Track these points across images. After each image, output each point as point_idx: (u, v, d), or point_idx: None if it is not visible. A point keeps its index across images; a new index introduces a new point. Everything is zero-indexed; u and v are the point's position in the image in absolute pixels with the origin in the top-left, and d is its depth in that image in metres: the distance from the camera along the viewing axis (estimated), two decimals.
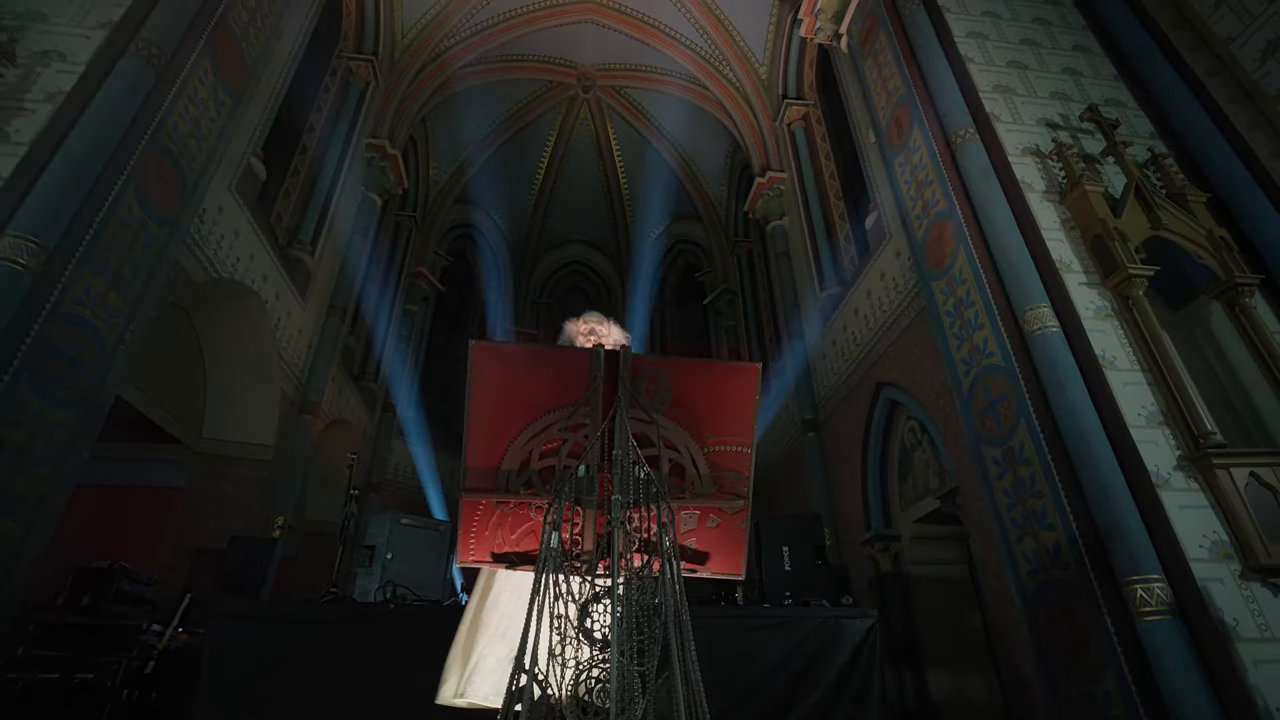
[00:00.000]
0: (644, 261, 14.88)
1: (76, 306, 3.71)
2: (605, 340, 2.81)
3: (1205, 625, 3.10)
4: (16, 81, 3.94)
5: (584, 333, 2.82)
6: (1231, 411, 4.10)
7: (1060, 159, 4.67)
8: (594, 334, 2.81)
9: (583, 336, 2.81)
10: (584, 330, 2.82)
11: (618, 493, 1.91)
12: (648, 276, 14.75)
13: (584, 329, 2.82)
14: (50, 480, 3.58)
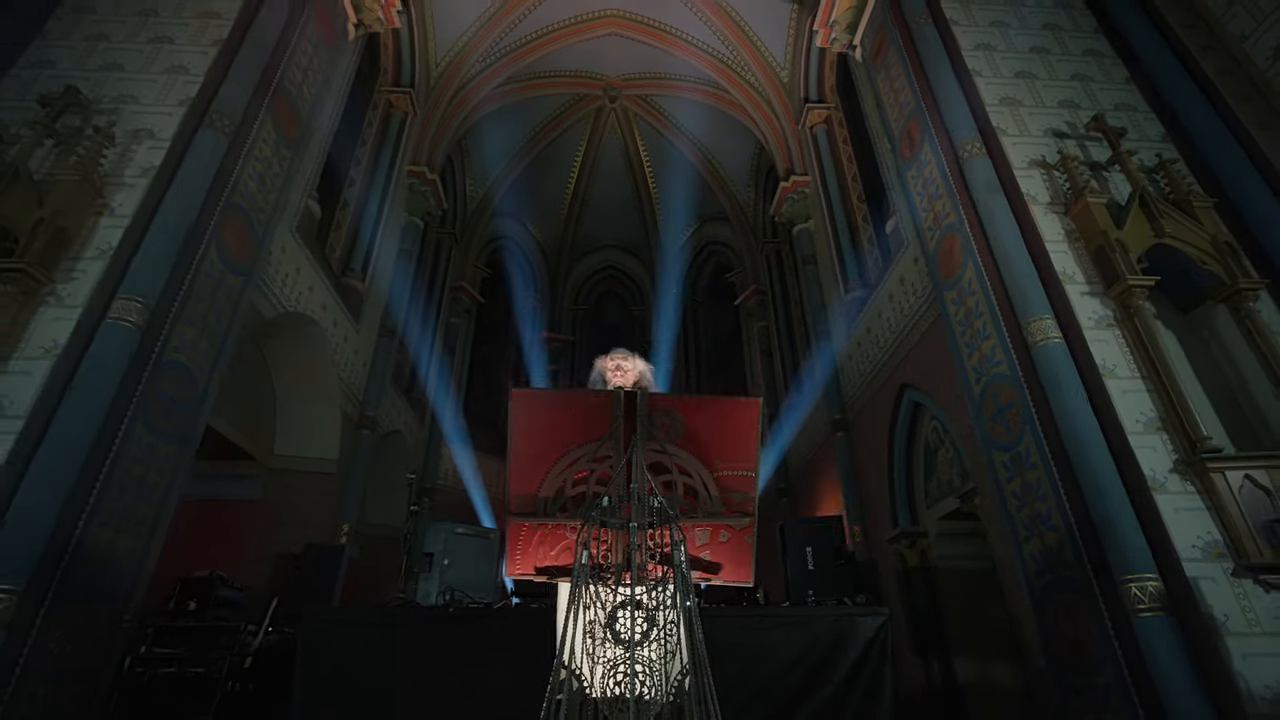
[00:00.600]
0: (675, 264, 15.21)
1: (175, 354, 4.29)
2: (630, 373, 3.21)
3: (1196, 621, 3.32)
4: (117, 159, 4.55)
5: (611, 368, 3.21)
6: (1239, 412, 4.24)
7: (1065, 170, 4.83)
8: (620, 369, 3.20)
9: (610, 372, 3.21)
10: (611, 366, 3.22)
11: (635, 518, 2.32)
12: (679, 279, 15.08)
13: (611, 365, 3.22)
14: (161, 504, 4.19)
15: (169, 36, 5.29)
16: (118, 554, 3.81)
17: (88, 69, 5.05)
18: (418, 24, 10.14)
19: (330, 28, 6.64)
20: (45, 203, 4.09)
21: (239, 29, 5.36)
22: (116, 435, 3.80)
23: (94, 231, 4.25)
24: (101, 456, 3.71)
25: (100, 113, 4.78)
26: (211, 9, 5.49)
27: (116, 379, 3.86)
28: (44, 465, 3.51)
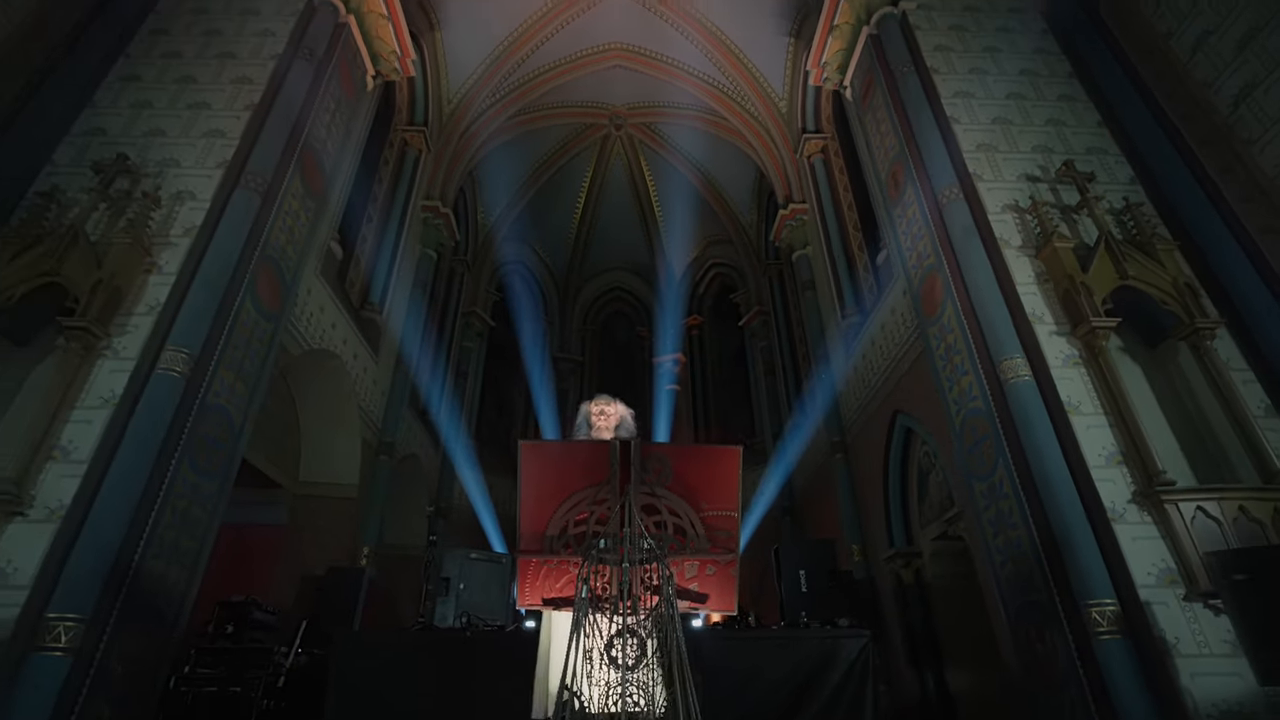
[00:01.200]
0: (681, 285, 15.60)
1: (216, 398, 4.71)
2: (611, 416, 3.56)
3: (1149, 643, 3.61)
4: (162, 220, 5.00)
5: (596, 412, 3.57)
6: (1203, 445, 4.53)
7: (1036, 215, 5.16)
8: (604, 414, 3.56)
9: (595, 416, 3.56)
10: (595, 410, 3.58)
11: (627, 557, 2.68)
12: (685, 300, 15.47)
13: (595, 410, 3.58)
14: (204, 536, 4.59)
15: (206, 102, 5.77)
16: (168, 583, 4.21)
17: (134, 135, 5.53)
18: (430, 66, 10.66)
19: (350, 82, 7.12)
20: (103, 264, 4.55)
21: (269, 93, 5.83)
22: (166, 475, 4.21)
23: (144, 289, 4.69)
24: (154, 495, 4.11)
25: (147, 176, 5.25)
26: (244, 74, 5.97)
27: (166, 424, 4.28)
28: (105, 505, 3.92)
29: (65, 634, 3.54)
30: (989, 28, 6.75)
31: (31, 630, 3.53)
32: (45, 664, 3.48)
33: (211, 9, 6.52)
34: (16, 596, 3.59)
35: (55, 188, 5.11)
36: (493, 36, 11.58)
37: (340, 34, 6.79)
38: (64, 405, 4.16)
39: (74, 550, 3.77)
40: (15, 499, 3.82)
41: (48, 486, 3.93)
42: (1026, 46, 6.60)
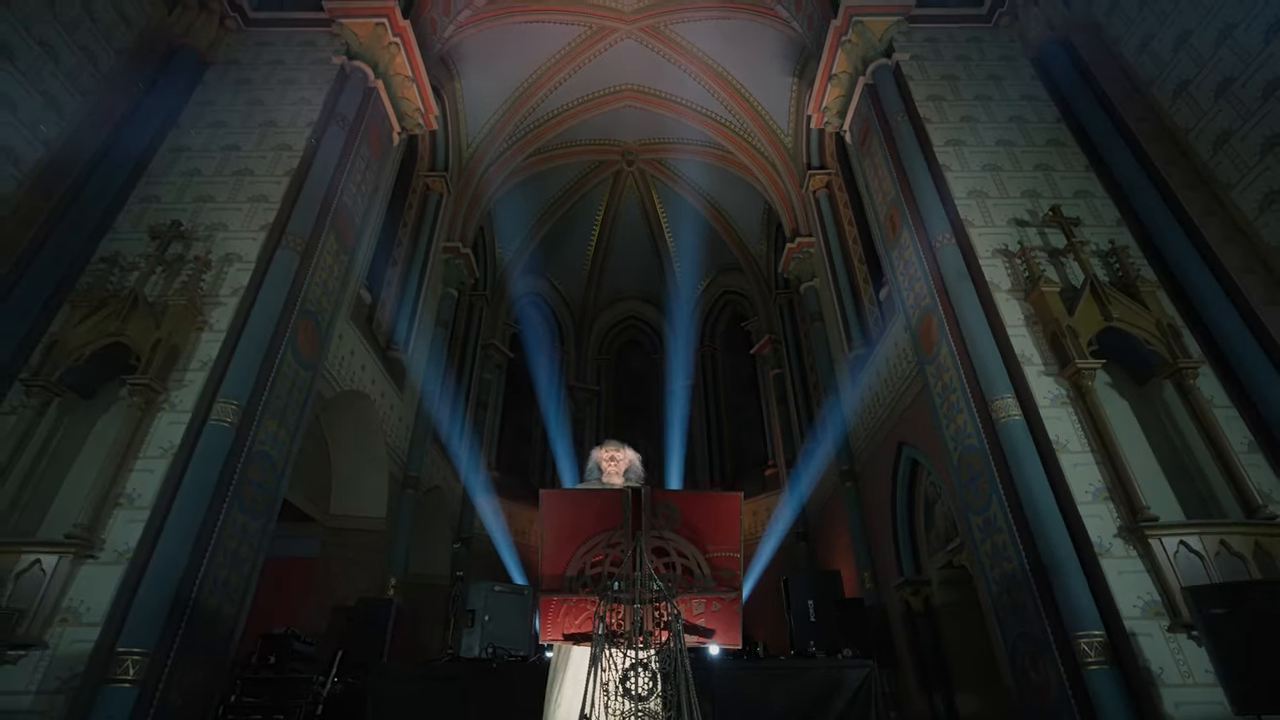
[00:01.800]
0: (693, 313, 15.96)
1: (261, 445, 5.11)
2: (621, 461, 3.82)
3: (1135, 673, 3.82)
4: (212, 281, 5.47)
5: (606, 458, 3.83)
6: (1189, 479, 4.73)
7: (1024, 260, 5.45)
8: (614, 459, 3.84)
9: (605, 461, 3.84)
10: (606, 456, 3.84)
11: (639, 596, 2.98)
12: (697, 327, 15.81)
13: (606, 455, 3.84)
14: (251, 573, 4.97)
15: (249, 169, 6.28)
16: (220, 618, 4.58)
17: (185, 201, 6.04)
18: (450, 114, 11.24)
19: (378, 142, 7.63)
20: (161, 325, 5.00)
21: (306, 159, 6.34)
22: (219, 518, 4.60)
23: (197, 346, 5.14)
24: (208, 537, 4.50)
25: (198, 239, 5.74)
26: (283, 142, 6.49)
27: (218, 471, 4.68)
28: (166, 547, 4.31)
29: (133, 667, 3.91)
30: (979, 75, 7.09)
31: (104, 664, 3.91)
32: (116, 695, 3.84)
33: (253, 79, 7.08)
34: (90, 633, 3.98)
35: (116, 253, 5.62)
36: (509, 83, 12.17)
37: (369, 98, 7.30)
38: (129, 456, 4.58)
39: (140, 589, 4.16)
40: (87, 543, 4.22)
41: (116, 531, 4.33)
42: (1015, 93, 6.93)
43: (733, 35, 11.45)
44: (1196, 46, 5.75)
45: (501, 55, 11.54)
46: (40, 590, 4.00)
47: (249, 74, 7.14)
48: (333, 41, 7.44)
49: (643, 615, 3.01)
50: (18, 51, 5.59)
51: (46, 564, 4.09)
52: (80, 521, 4.25)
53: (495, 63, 11.60)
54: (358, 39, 7.37)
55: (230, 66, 7.19)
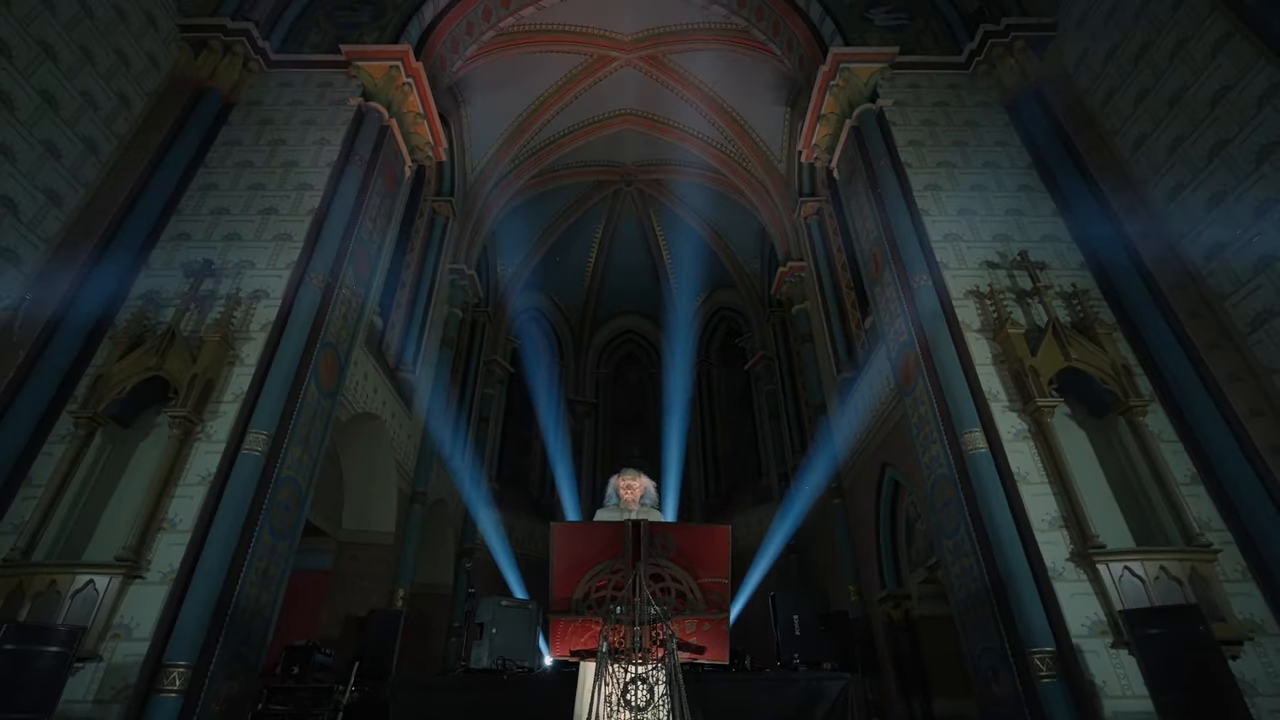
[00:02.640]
0: (690, 329, 16.41)
1: (288, 470, 5.53)
2: (636, 489, 4.28)
3: (1081, 685, 4.26)
4: (243, 317, 5.89)
5: (623, 486, 4.29)
6: (1140, 507, 5.19)
7: (993, 301, 5.91)
8: (630, 487, 4.29)
9: (622, 489, 4.29)
10: (623, 484, 4.30)
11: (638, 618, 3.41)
12: (693, 343, 16.27)
13: (623, 483, 4.30)
14: (278, 590, 5.38)
15: (274, 208, 6.70)
16: (252, 632, 4.99)
17: (214, 239, 6.46)
18: (457, 141, 11.69)
19: (392, 176, 8.06)
20: (197, 360, 5.42)
21: (326, 198, 6.76)
22: (251, 540, 5.02)
23: (230, 379, 5.55)
24: (242, 558, 4.91)
25: (227, 277, 6.16)
26: (305, 181, 6.91)
27: (250, 497, 5.10)
28: (205, 568, 4.72)
29: (179, 679, 4.33)
30: (957, 122, 7.57)
31: (152, 675, 4.31)
32: (163, 705, 4.25)
33: (275, 119, 7.51)
34: (140, 647, 4.39)
35: (152, 289, 6.03)
36: (513, 110, 12.64)
37: (384, 136, 7.74)
38: (170, 483, 4.99)
39: (183, 607, 4.56)
40: (135, 565, 4.63)
41: (160, 554, 4.74)
42: (990, 139, 7.40)
43: (728, 66, 11.93)
44: (1152, 105, 6.23)
45: (506, 84, 12.00)
46: (95, 608, 4.41)
47: (271, 114, 7.56)
48: (349, 82, 7.87)
49: (641, 635, 3.45)
50: (62, 102, 6.02)
51: (99, 584, 4.50)
52: (128, 545, 4.65)
53: (500, 90, 12.06)
54: (373, 80, 7.82)
55: (254, 107, 7.61)
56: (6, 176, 5.46)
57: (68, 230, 6.01)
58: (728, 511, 13.94)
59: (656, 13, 11.65)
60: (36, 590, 4.47)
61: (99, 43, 6.43)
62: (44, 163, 5.82)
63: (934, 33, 8.58)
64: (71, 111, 6.12)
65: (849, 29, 8.46)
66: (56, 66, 5.96)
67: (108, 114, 6.53)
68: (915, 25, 8.63)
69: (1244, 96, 5.35)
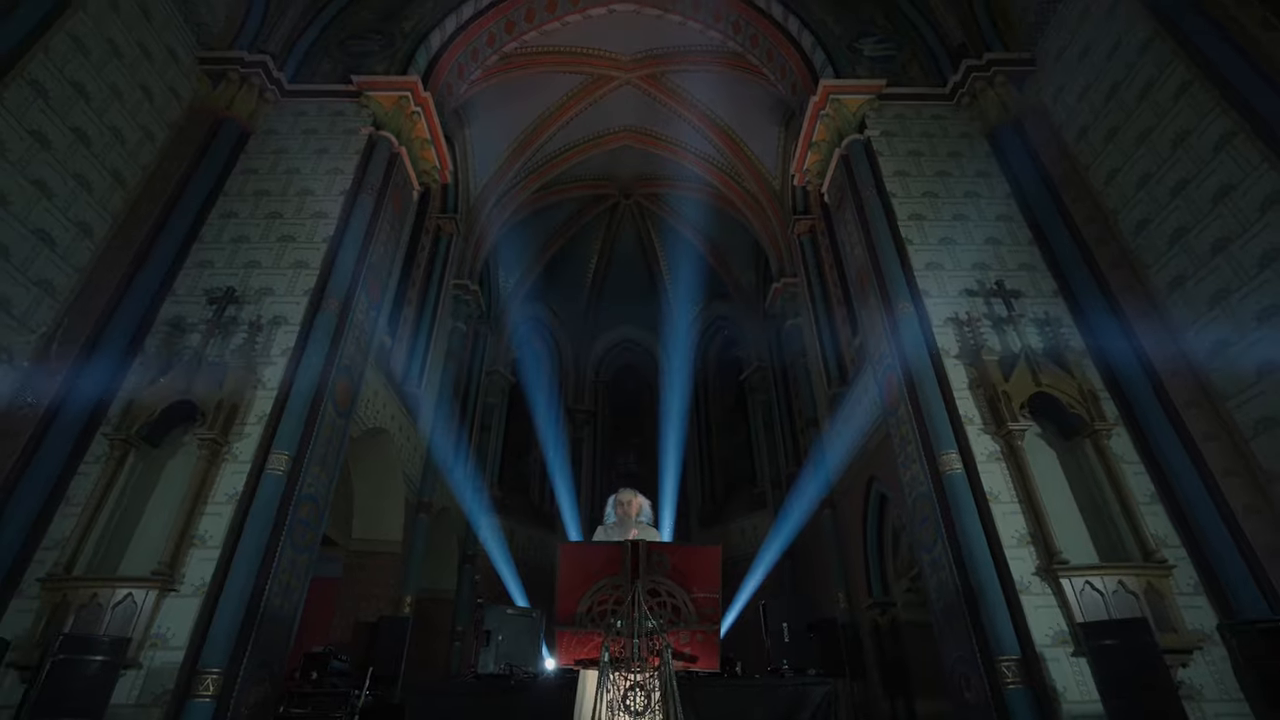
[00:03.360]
0: (686, 339, 16.79)
1: (308, 488, 5.88)
2: (633, 506, 4.64)
3: (1043, 691, 4.64)
4: (264, 343, 6.24)
5: (622, 502, 4.65)
6: (1104, 524, 5.56)
7: (971, 328, 6.29)
8: (628, 505, 4.65)
9: (620, 507, 4.65)
10: (622, 501, 4.66)
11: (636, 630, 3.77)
12: (690, 353, 16.64)
13: (621, 501, 4.66)
14: (298, 601, 5.73)
15: (291, 235, 7.06)
16: (275, 640, 5.34)
17: (235, 266, 6.81)
18: (461, 161, 12.06)
19: (400, 202, 8.41)
20: (223, 385, 5.77)
21: (340, 227, 7.11)
22: (275, 555, 5.37)
23: (253, 402, 5.90)
24: (267, 571, 5.26)
25: (249, 303, 6.51)
26: (320, 209, 7.27)
27: (274, 514, 5.45)
28: (233, 581, 5.08)
29: (212, 685, 4.68)
30: (941, 152, 7.94)
31: (187, 681, 4.67)
32: (198, 708, 4.60)
33: (290, 148, 7.86)
34: (176, 655, 4.74)
35: (178, 316, 6.39)
36: (515, 128, 13.01)
37: (394, 163, 8.09)
38: (199, 502, 5.35)
39: (214, 618, 4.92)
40: (169, 579, 4.99)
41: (192, 568, 5.10)
42: (972, 170, 7.78)
43: (725, 86, 12.30)
44: (1121, 142, 6.62)
45: (508, 103, 12.37)
46: (134, 619, 4.76)
47: (286, 143, 7.91)
48: (360, 111, 8.23)
49: (639, 645, 3.82)
50: (93, 139, 6.36)
51: (137, 597, 4.86)
52: (163, 560, 5.01)
53: (502, 110, 12.43)
54: (384, 109, 8.17)
55: (269, 136, 7.97)
56: (44, 212, 5.81)
57: (97, 260, 6.35)
58: (722, 518, 14.31)
59: (655, 36, 12.01)
60: (80, 603, 4.83)
61: (126, 79, 6.77)
62: (76, 196, 6.17)
63: (920, 63, 8.96)
64: (101, 146, 6.46)
65: (839, 59, 8.83)
66: (88, 105, 6.31)
67: (133, 146, 6.88)
68: (902, 56, 9.01)
69: (1203, 140, 5.74)
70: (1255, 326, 5.19)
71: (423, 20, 9.35)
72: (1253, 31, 5.43)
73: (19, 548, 5.07)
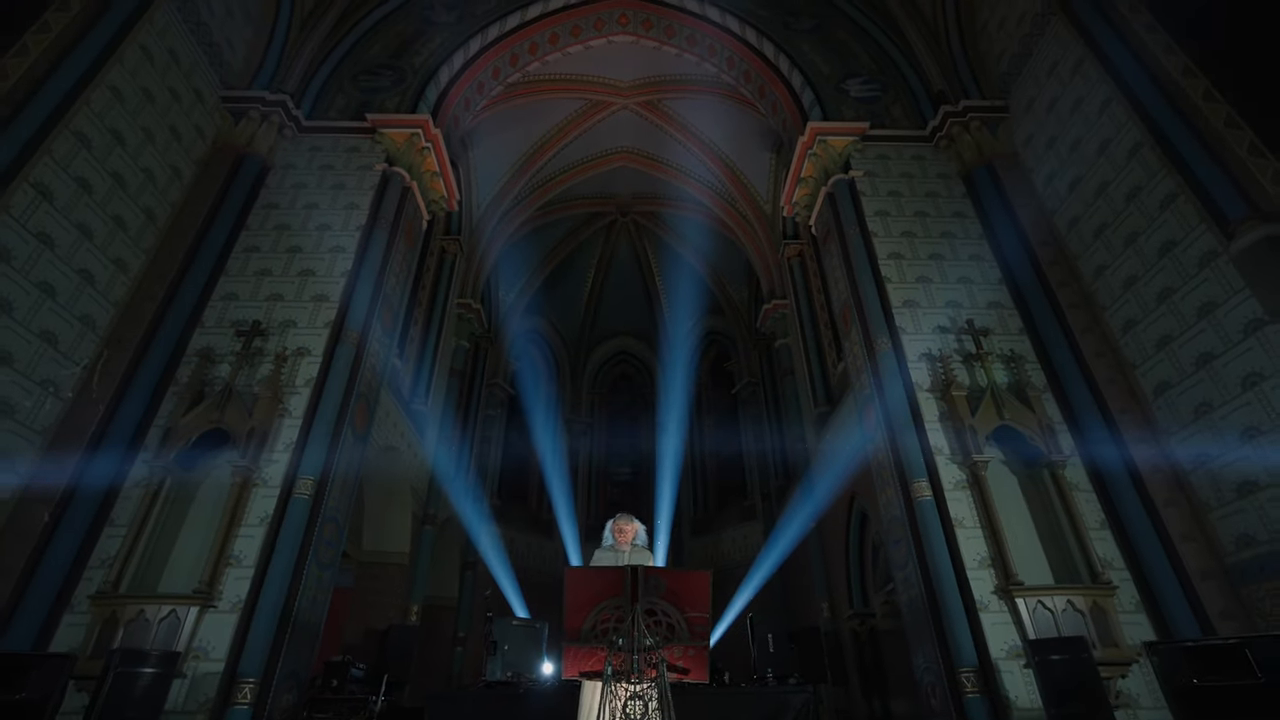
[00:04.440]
0: (681, 351, 17.32)
1: (330, 510, 6.36)
2: (628, 532, 5.14)
3: (997, 699, 5.19)
4: (289, 374, 6.71)
5: (617, 529, 5.15)
6: (1060, 547, 6.12)
7: (942, 364, 6.84)
8: (624, 531, 5.16)
9: (617, 532, 5.16)
10: (617, 528, 5.16)
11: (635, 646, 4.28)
12: (684, 365, 17.17)
13: (617, 527, 5.16)
14: (322, 614, 6.22)
15: (311, 269, 7.52)
16: (302, 652, 5.83)
17: (259, 299, 7.27)
18: (464, 184, 12.53)
19: (412, 232, 8.90)
20: (253, 414, 6.25)
21: (357, 261, 7.59)
22: (303, 573, 5.85)
23: (280, 430, 6.38)
24: (296, 588, 5.75)
25: (273, 335, 6.99)
26: (338, 244, 7.74)
27: (300, 535, 5.93)
28: (266, 597, 5.56)
29: (249, 692, 5.17)
30: (920, 193, 8.49)
31: (228, 690, 5.15)
32: (238, 714, 5.09)
33: (309, 183, 8.33)
34: (216, 666, 5.23)
35: (207, 347, 6.85)
36: (516, 151, 13.51)
37: (406, 196, 8.58)
38: (234, 525, 5.82)
39: (249, 632, 5.40)
40: (209, 596, 5.46)
41: (229, 586, 5.57)
42: (948, 210, 8.33)
43: (719, 113, 12.82)
44: (1083, 192, 7.19)
45: (510, 128, 12.87)
46: (178, 633, 5.24)
47: (304, 178, 8.38)
48: (374, 147, 8.70)
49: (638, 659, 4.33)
50: (128, 181, 6.82)
51: (180, 613, 5.33)
52: (203, 579, 5.49)
53: (504, 134, 12.93)
54: (395, 145, 8.65)
55: (288, 171, 8.43)
56: (86, 253, 6.27)
57: (132, 294, 6.81)
58: (714, 527, 14.85)
59: (652, 64, 12.52)
60: (129, 618, 5.30)
61: (157, 122, 7.23)
62: (114, 236, 6.62)
63: (903, 105, 9.51)
64: (135, 188, 6.92)
65: (826, 100, 9.38)
66: (124, 150, 6.76)
67: (163, 185, 7.34)
68: (887, 97, 9.56)
69: (1151, 198, 6.30)
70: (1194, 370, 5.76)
71: (432, 56, 9.83)
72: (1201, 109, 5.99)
73: (69, 567, 5.53)
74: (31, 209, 5.72)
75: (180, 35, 7.53)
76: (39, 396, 5.77)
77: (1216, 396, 5.56)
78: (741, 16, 10.39)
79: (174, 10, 7.39)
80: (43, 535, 5.51)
